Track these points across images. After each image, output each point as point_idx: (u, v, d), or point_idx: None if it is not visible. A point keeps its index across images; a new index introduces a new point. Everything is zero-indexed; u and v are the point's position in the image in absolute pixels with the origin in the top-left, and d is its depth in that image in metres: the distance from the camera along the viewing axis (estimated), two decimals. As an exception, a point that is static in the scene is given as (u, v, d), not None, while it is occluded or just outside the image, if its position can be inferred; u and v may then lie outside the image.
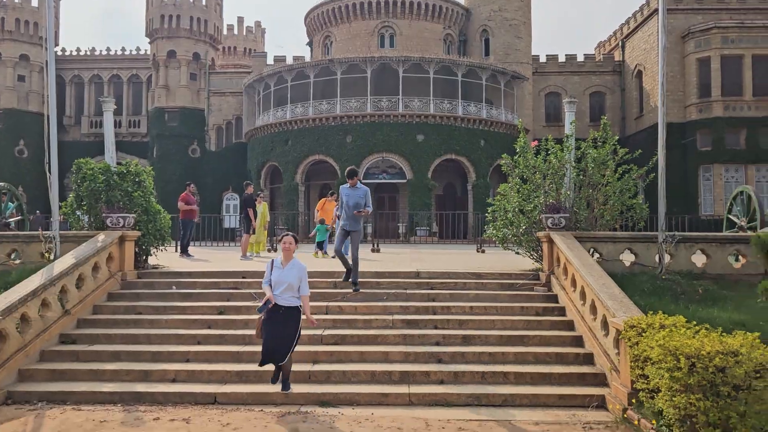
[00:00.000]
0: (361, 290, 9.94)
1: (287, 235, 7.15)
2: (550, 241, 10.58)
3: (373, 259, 14.91)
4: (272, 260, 7.13)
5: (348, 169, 10.38)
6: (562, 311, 9.43)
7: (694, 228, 24.55)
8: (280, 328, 6.79)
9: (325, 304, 9.47)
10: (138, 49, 44.60)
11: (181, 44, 40.62)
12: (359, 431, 6.15)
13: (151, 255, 11.96)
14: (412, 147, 33.50)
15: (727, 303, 9.29)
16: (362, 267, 11.87)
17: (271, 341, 6.77)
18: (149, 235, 11.66)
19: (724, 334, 5.67)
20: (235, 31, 60.65)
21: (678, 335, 5.67)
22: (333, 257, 15.90)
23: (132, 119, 43.86)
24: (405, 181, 33.95)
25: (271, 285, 6.92)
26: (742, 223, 12.59)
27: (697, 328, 5.87)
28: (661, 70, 10.79)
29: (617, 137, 12.08)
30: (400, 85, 33.76)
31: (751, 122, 32.60)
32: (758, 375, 5.10)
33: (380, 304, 9.57)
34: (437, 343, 8.45)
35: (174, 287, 10.42)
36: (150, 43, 41.94)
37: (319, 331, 8.62)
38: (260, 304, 6.97)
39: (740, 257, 10.87)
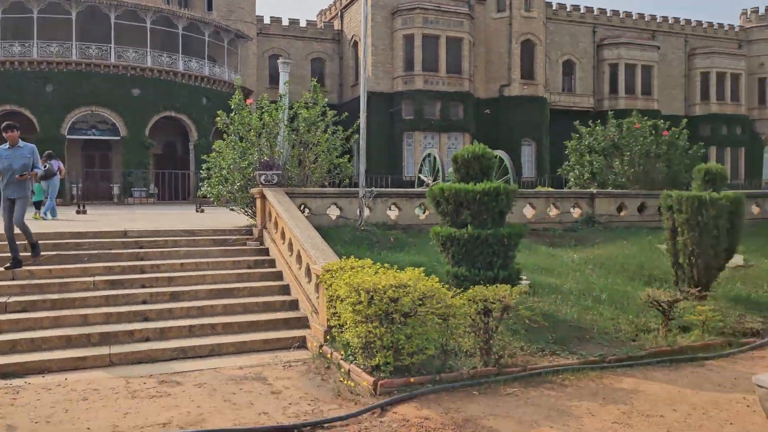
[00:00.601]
0: (58, 253, 9.07)
1: None
2: (263, 197, 10.92)
3: (76, 220, 13.63)
4: None
5: (4, 124, 8.73)
6: (272, 263, 9.90)
7: (398, 187, 27.43)
8: None
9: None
10: None
11: None
12: (48, 398, 5.73)
13: None
14: (126, 101, 30.95)
15: (412, 248, 10.79)
16: (61, 228, 10.88)
17: None
18: None
19: (398, 271, 6.61)
20: None
21: (362, 274, 6.44)
22: (50, 219, 14.22)
23: None
24: (119, 138, 31.32)
25: None
26: (429, 181, 14.58)
27: (377, 267, 6.74)
28: (364, 40, 11.78)
29: (326, 100, 12.89)
30: (112, 32, 30.73)
31: (445, 96, 37.39)
32: (421, 303, 6.07)
33: (80, 266, 8.88)
34: (144, 302, 8.21)
35: None
36: None
37: (3, 299, 7.69)
38: None
39: (426, 210, 12.63)
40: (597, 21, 45.44)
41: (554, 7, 44.11)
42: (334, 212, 11.95)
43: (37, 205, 15.01)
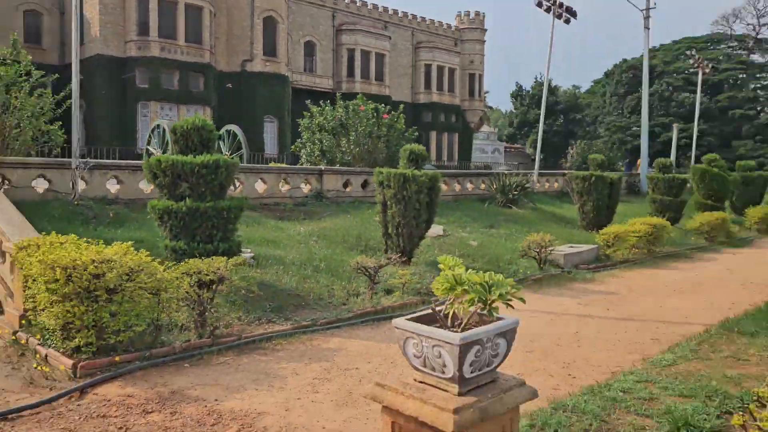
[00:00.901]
0: None
1: None
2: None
3: None
4: None
5: None
6: (-43, 243, 8.52)
7: (132, 160, 25.55)
8: None
9: None
10: None
11: None
12: None
13: None
14: None
15: (134, 224, 10.23)
16: None
17: None
18: None
19: (104, 245, 6.23)
20: None
21: (60, 250, 5.93)
22: None
23: None
24: None
25: None
26: (158, 153, 13.87)
27: (80, 242, 6.27)
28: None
29: (30, 58, 11.43)
30: None
31: (184, 66, 35.59)
32: (129, 278, 5.83)
33: None
34: None
35: None
36: None
37: None
38: None
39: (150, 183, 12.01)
40: (336, 6, 47.39)
41: (296, -13, 44.86)
42: (41, 185, 10.71)
43: None
